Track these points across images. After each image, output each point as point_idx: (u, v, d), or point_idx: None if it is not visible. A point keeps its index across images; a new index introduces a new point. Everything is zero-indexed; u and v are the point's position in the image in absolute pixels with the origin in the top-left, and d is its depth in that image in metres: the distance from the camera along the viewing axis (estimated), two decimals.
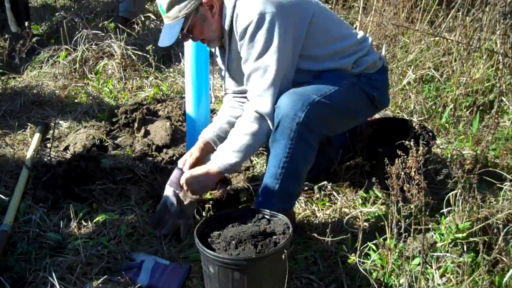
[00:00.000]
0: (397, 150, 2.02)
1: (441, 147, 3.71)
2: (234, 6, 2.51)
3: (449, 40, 4.58)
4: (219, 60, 2.86)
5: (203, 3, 2.52)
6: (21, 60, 4.94)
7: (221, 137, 2.79)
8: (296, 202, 2.92)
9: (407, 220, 2.28)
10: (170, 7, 2.50)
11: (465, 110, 4.13)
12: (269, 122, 2.52)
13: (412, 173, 1.95)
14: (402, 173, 1.98)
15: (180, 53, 5.14)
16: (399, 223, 2.27)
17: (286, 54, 2.49)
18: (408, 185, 1.99)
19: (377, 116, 3.38)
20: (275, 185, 2.59)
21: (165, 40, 2.56)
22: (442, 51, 4.63)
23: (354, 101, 2.69)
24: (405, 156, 1.99)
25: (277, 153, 2.55)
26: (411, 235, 2.37)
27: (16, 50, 4.81)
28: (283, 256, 2.09)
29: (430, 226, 2.15)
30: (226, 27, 2.56)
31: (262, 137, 2.58)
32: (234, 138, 2.57)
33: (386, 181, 2.14)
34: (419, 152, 1.93)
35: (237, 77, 2.79)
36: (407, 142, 2.01)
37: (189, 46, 3.06)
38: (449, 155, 3.47)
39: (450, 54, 4.55)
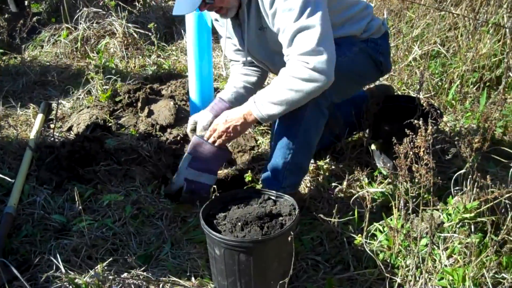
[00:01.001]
0: (405, 129, 1.98)
1: (448, 124, 3.67)
2: None
3: (455, 15, 4.50)
4: (229, 31, 2.70)
5: None
6: (22, 40, 4.88)
7: (238, 101, 2.70)
8: (302, 182, 2.90)
9: (414, 201, 2.25)
10: None
11: (472, 86, 4.08)
12: (322, 79, 2.28)
13: (421, 153, 1.91)
14: (411, 152, 1.94)
15: (182, 31, 5.09)
16: (407, 204, 2.25)
17: (325, 10, 2.32)
18: (416, 165, 1.96)
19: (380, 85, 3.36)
20: (288, 155, 2.56)
21: (184, 7, 2.35)
22: (448, 26, 4.56)
23: (363, 68, 2.69)
24: (414, 135, 1.95)
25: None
26: (419, 215, 2.35)
27: (17, 29, 4.75)
28: (289, 238, 2.07)
29: (438, 207, 2.11)
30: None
31: (307, 98, 2.36)
32: (277, 91, 2.34)
33: (393, 161, 2.11)
34: (428, 131, 1.89)
35: (253, 49, 2.69)
36: (415, 121, 1.97)
37: (191, 23, 3.01)
38: (456, 133, 3.43)
39: (456, 29, 4.48)
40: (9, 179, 2.93)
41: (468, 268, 2.21)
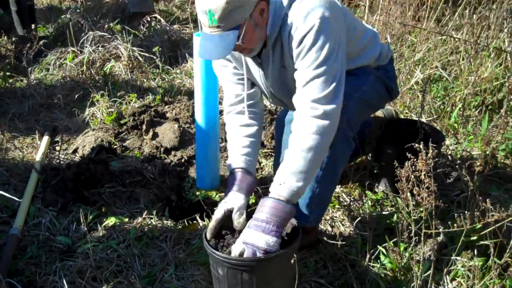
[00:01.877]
0: (407, 153, 2.01)
1: (450, 147, 3.69)
2: (288, 10, 2.28)
3: (456, 39, 4.56)
4: (248, 68, 2.53)
5: (256, 7, 2.22)
6: (29, 63, 4.94)
7: (250, 163, 2.51)
8: None
9: (417, 224, 2.27)
10: (226, 16, 2.13)
11: (474, 109, 4.12)
12: (334, 126, 2.23)
13: (422, 176, 1.93)
14: (412, 176, 1.97)
15: (186, 54, 5.14)
16: (409, 227, 2.26)
17: (344, 58, 2.31)
18: (417, 189, 1.98)
19: (382, 113, 3.38)
20: (316, 189, 2.50)
21: (216, 52, 2.21)
22: (450, 50, 4.61)
23: (379, 95, 2.70)
24: (415, 159, 1.98)
25: None
26: (421, 239, 2.36)
27: (23, 52, 4.81)
28: (292, 258, 2.05)
29: (441, 230, 2.12)
30: (273, 36, 2.32)
31: (327, 148, 2.30)
32: (295, 157, 2.19)
33: (396, 184, 2.13)
34: (429, 154, 1.92)
35: (274, 87, 2.55)
36: (416, 144, 2.00)
37: (197, 46, 3.05)
38: (458, 156, 3.46)
39: (457, 53, 4.53)
40: (16, 199, 2.94)
41: None
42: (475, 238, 2.44)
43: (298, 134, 2.21)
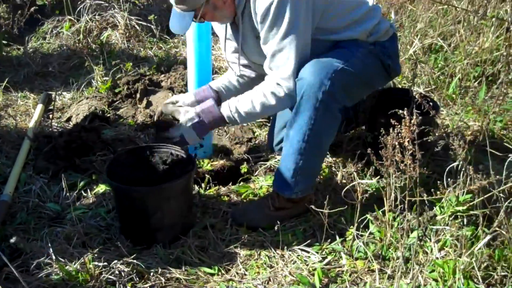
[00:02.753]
0: (391, 120, 1.97)
1: (447, 118, 3.65)
2: None
3: (458, 8, 4.47)
4: (229, 33, 2.74)
5: None
6: (25, 31, 4.90)
7: (227, 93, 2.82)
8: None
9: (404, 193, 2.24)
10: (181, 1, 2.38)
11: (473, 80, 4.06)
12: (288, 100, 2.51)
13: (406, 143, 1.90)
14: (396, 143, 1.93)
15: None
16: (397, 196, 2.24)
17: (307, 31, 2.45)
18: (400, 156, 1.95)
19: None
20: (299, 161, 2.51)
21: (177, 27, 2.47)
22: (451, 20, 4.53)
23: (372, 69, 2.62)
24: (399, 125, 1.94)
25: (301, 126, 2.46)
26: (411, 207, 2.34)
27: (15, 20, 4.76)
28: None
29: (425, 198, 2.09)
30: (240, 9, 2.49)
31: (271, 112, 2.68)
32: (246, 100, 2.54)
33: (379, 151, 2.10)
34: (413, 121, 1.88)
35: (250, 54, 2.70)
36: (400, 111, 1.96)
37: None
38: (454, 127, 3.42)
39: (459, 23, 4.45)
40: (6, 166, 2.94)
41: (459, 261, 2.20)
42: (464, 208, 2.41)
43: (260, 87, 2.53)
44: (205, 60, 3.05)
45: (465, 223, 2.42)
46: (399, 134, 1.94)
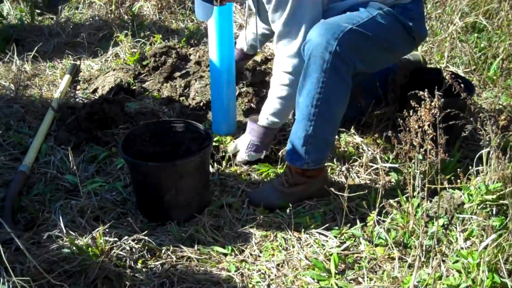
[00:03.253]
0: (410, 100, 1.84)
1: (486, 101, 3.47)
2: None
3: None
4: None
5: None
6: (58, 0, 4.88)
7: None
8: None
9: (425, 180, 2.10)
10: None
11: None
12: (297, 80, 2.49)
13: (426, 127, 1.76)
14: (415, 126, 1.80)
15: None
16: (420, 182, 2.11)
17: (316, 7, 2.43)
18: (417, 140, 1.81)
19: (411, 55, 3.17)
20: (309, 128, 2.41)
21: (201, 14, 2.57)
22: None
23: (390, 31, 2.48)
24: (419, 108, 1.81)
25: (309, 90, 2.36)
26: (435, 194, 2.22)
27: None
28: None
29: (446, 186, 1.96)
30: None
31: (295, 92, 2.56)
32: (271, 101, 2.70)
33: (399, 134, 1.97)
34: (433, 103, 1.74)
35: (267, 24, 2.69)
36: (421, 92, 1.82)
37: None
38: (491, 109, 3.24)
39: (505, 0, 4.21)
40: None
41: (484, 252, 2.07)
42: (494, 197, 2.26)
43: (273, 82, 2.67)
44: (227, 33, 2.95)
45: (494, 212, 2.28)
46: (420, 117, 1.80)
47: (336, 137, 2.92)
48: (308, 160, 2.48)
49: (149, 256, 2.29)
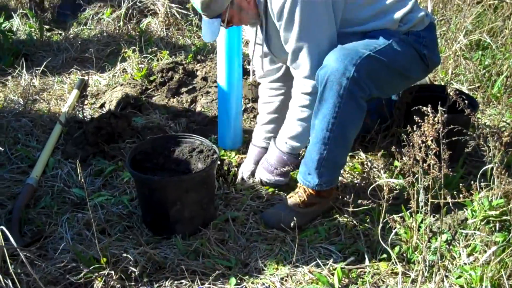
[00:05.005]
0: (414, 116, 1.86)
1: (490, 117, 3.49)
2: None
3: (508, 4, 4.28)
4: (258, 37, 2.73)
5: None
6: (67, 16, 4.95)
7: (271, 136, 2.88)
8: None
9: (428, 194, 2.12)
10: (205, 8, 2.39)
11: None
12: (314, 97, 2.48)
13: (429, 142, 1.79)
14: (419, 141, 1.82)
15: None
16: (421, 196, 2.13)
17: (330, 25, 2.43)
18: (420, 155, 1.83)
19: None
20: (323, 151, 2.43)
21: (208, 35, 2.50)
22: (502, 15, 4.33)
23: (405, 58, 2.49)
24: (422, 123, 1.83)
25: (325, 115, 2.38)
26: (439, 209, 2.23)
27: (56, 6, 4.82)
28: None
29: (449, 201, 1.97)
30: (261, 9, 2.48)
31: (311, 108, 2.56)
32: (289, 124, 2.65)
33: (403, 149, 2.00)
34: (437, 119, 1.76)
35: (276, 52, 2.69)
36: (424, 108, 1.85)
37: None
38: (495, 126, 3.26)
39: (509, 19, 4.25)
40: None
41: (487, 268, 2.08)
42: (497, 213, 2.28)
43: (291, 105, 2.63)
44: (235, 49, 2.98)
45: (497, 228, 2.29)
46: (424, 133, 1.83)
47: None
48: (321, 182, 2.50)
49: (154, 269, 2.30)
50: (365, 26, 2.48)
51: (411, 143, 1.91)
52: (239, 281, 2.25)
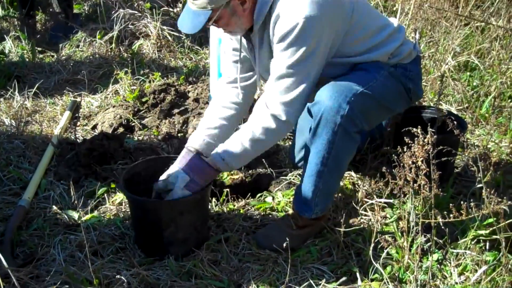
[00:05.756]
0: (405, 137, 1.90)
1: (478, 138, 3.54)
2: (272, 4, 2.30)
3: (495, 26, 4.35)
4: (244, 48, 2.60)
5: None
6: (59, 38, 4.98)
7: (211, 144, 2.59)
8: None
9: (419, 214, 2.15)
10: None
11: (509, 100, 3.93)
12: (285, 129, 2.43)
13: (419, 163, 1.82)
14: (409, 162, 1.85)
15: None
16: (414, 217, 2.16)
17: (321, 60, 2.35)
18: (410, 175, 1.86)
19: None
20: (318, 183, 2.44)
21: (187, 26, 2.30)
22: (489, 37, 4.41)
23: (392, 93, 2.51)
24: (412, 144, 1.86)
25: (319, 150, 2.38)
26: (431, 229, 2.25)
27: (48, 28, 4.85)
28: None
29: (440, 221, 2.00)
30: (258, 24, 2.36)
31: (267, 147, 2.53)
32: (238, 142, 2.41)
33: (393, 169, 2.03)
34: (426, 140, 1.80)
35: (264, 73, 2.58)
36: (414, 129, 1.88)
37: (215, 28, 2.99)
38: (484, 147, 3.30)
39: (496, 41, 4.33)
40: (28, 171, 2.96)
41: (478, 287, 2.10)
42: (487, 232, 2.30)
43: (250, 121, 2.43)
44: None
45: (487, 247, 2.32)
46: (414, 153, 1.86)
47: None
48: (317, 210, 2.52)
49: None
50: (356, 58, 2.47)
51: (402, 164, 1.94)
52: None
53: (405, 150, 1.94)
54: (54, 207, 2.81)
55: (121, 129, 3.58)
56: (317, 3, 2.21)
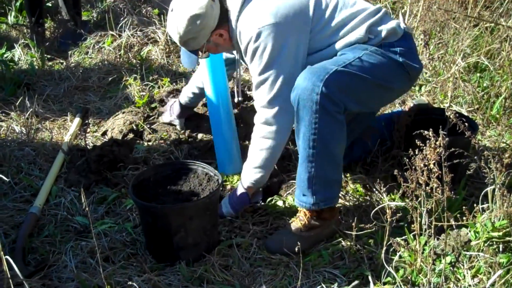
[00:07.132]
0: (416, 140, 1.89)
1: (489, 139, 3.51)
2: (237, 23, 2.57)
3: (505, 26, 4.32)
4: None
5: (213, 34, 2.61)
6: (68, 46, 5.00)
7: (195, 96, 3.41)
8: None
9: (431, 217, 2.13)
10: (183, 44, 2.64)
11: None
12: (274, 127, 2.60)
13: (431, 165, 1.80)
14: (421, 165, 1.84)
15: None
16: (420, 219, 2.14)
17: (290, 61, 2.51)
18: (422, 178, 1.85)
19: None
20: (311, 169, 2.46)
21: (186, 63, 2.76)
22: (498, 37, 4.38)
23: (381, 68, 2.50)
24: (424, 146, 1.85)
25: (304, 133, 2.42)
26: (442, 232, 2.24)
27: (57, 35, 4.87)
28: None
29: (453, 223, 1.99)
30: (234, 41, 2.66)
31: (280, 147, 2.68)
32: (252, 155, 2.69)
33: (405, 172, 2.01)
34: (438, 142, 1.79)
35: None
36: (425, 132, 1.87)
37: None
38: (496, 148, 3.28)
39: (506, 41, 4.30)
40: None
41: None
42: (500, 234, 2.28)
43: (253, 136, 2.68)
44: (220, 77, 3.12)
45: (500, 249, 2.29)
46: (425, 156, 1.85)
47: (343, 177, 2.96)
48: (317, 201, 2.51)
49: None
50: (333, 49, 2.57)
51: (414, 167, 1.93)
52: None
53: (417, 152, 1.92)
54: (65, 214, 2.82)
55: (130, 135, 3.58)
56: (270, 13, 2.46)
